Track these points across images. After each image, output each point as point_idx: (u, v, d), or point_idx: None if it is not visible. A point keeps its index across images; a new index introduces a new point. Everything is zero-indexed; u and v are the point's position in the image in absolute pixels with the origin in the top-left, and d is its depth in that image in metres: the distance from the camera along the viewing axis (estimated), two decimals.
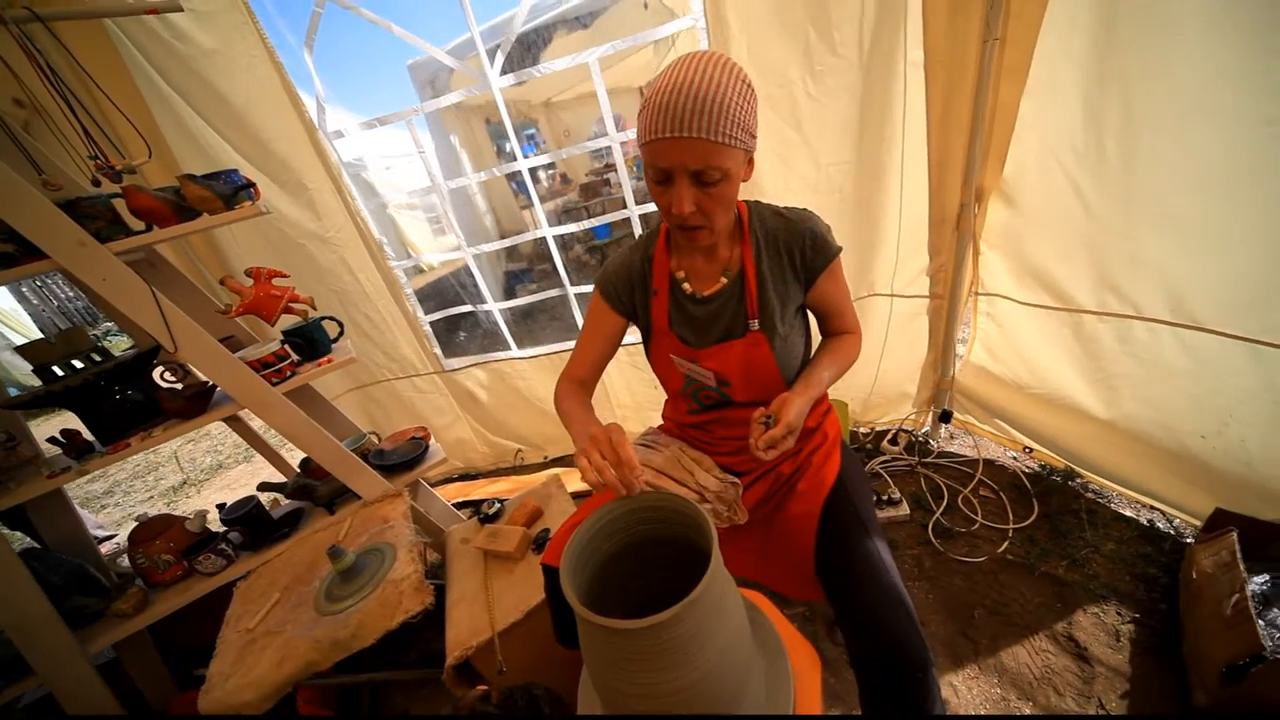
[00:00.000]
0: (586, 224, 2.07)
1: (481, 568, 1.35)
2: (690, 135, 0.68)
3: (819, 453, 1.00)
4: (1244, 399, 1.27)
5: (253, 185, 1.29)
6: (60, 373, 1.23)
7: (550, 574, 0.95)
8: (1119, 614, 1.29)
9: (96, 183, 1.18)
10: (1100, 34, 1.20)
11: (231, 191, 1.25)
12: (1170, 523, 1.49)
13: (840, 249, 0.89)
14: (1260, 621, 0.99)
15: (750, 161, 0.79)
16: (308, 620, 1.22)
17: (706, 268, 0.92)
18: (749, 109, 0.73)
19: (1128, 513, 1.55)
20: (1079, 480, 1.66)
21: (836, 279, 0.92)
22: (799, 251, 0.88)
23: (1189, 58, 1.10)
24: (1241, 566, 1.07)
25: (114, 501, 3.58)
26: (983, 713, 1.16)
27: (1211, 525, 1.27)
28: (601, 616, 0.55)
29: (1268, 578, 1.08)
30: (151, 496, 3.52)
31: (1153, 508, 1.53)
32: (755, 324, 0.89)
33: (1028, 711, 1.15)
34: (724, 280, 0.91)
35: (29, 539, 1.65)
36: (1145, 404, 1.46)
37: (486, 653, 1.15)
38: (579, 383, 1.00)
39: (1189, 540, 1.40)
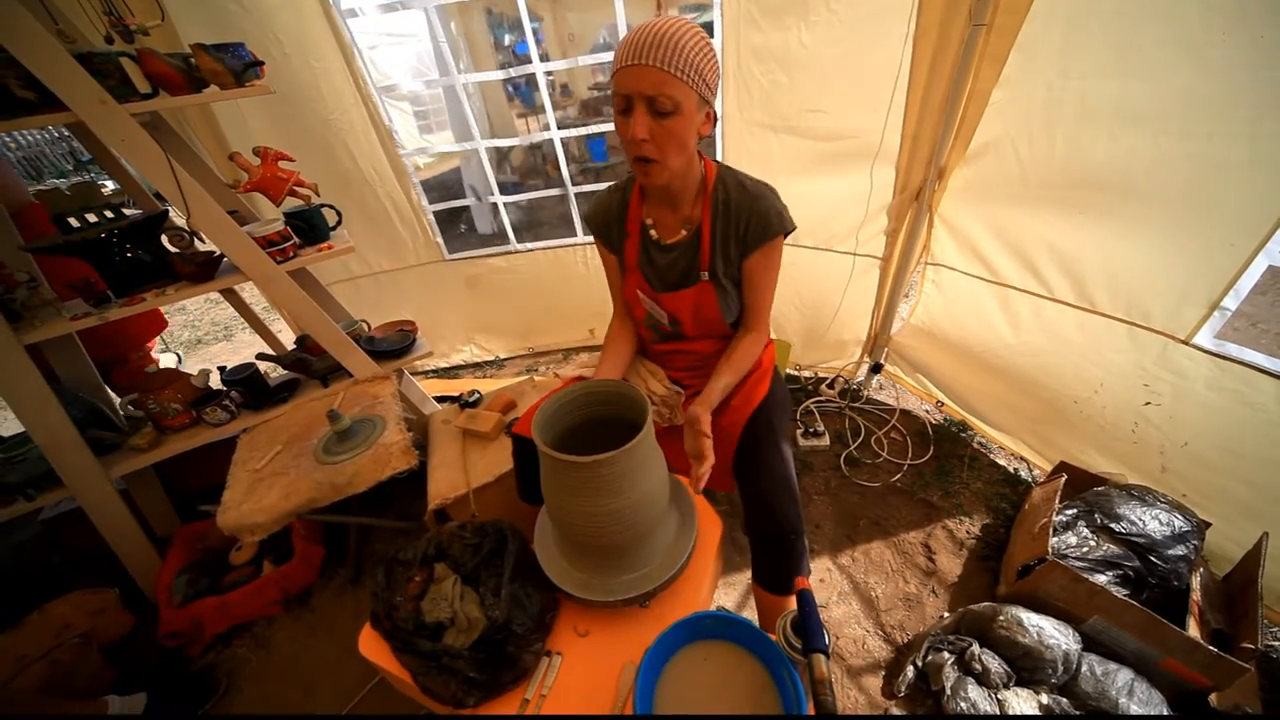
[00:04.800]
0: (594, 128, 2.17)
1: (460, 443, 1.58)
2: (645, 62, 0.79)
3: (752, 377, 1.20)
4: (1114, 372, 1.52)
5: (261, 64, 1.32)
6: (76, 224, 1.32)
7: (518, 441, 1.16)
8: (967, 532, 1.64)
9: (110, 40, 1.20)
10: (1071, 32, 1.31)
11: (242, 68, 1.29)
12: (1031, 472, 1.82)
13: (783, 231, 0.97)
14: (1054, 539, 1.32)
15: (709, 117, 0.90)
16: (309, 466, 1.44)
17: (671, 219, 1.05)
18: (704, 58, 0.82)
19: (1001, 461, 1.88)
20: (971, 432, 1.98)
21: (767, 260, 1.01)
22: (746, 221, 0.98)
23: (1142, 68, 1.23)
24: (1057, 501, 1.39)
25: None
26: (844, 588, 1.51)
27: (1053, 473, 1.59)
28: (560, 454, 0.77)
29: (1075, 511, 1.40)
30: None
31: (1021, 458, 1.86)
32: (705, 275, 1.04)
33: (881, 590, 1.50)
34: (684, 233, 1.04)
35: None
36: (1041, 371, 1.71)
37: (461, 505, 1.40)
38: (622, 317, 1.20)
39: None
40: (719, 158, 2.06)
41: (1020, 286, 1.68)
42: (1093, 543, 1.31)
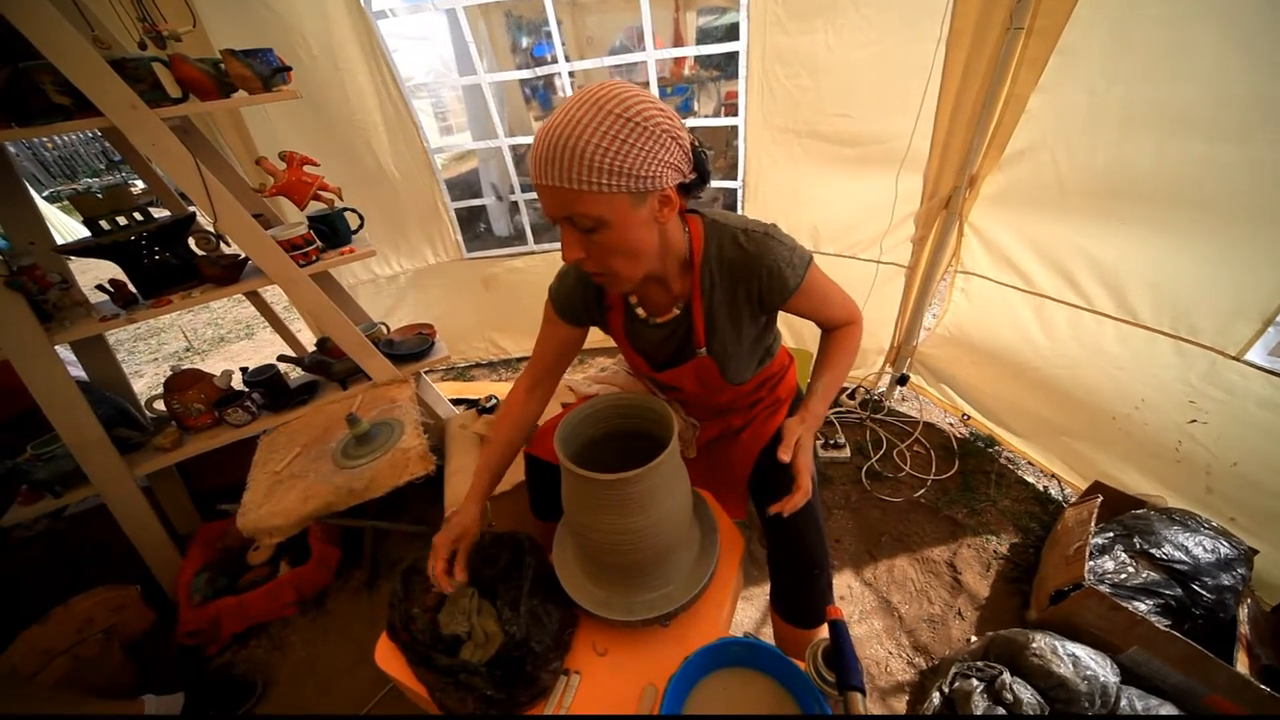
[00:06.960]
0: None
1: (477, 449, 1.57)
2: (545, 183, 0.65)
3: (765, 410, 1.15)
4: (1157, 388, 1.45)
5: (289, 69, 1.33)
6: (106, 227, 1.34)
7: (531, 460, 1.13)
8: (994, 552, 1.58)
9: (143, 46, 1.22)
10: (1117, 35, 1.26)
11: (270, 73, 1.30)
12: (1062, 491, 1.76)
13: (801, 279, 0.84)
14: (1090, 563, 1.26)
15: (667, 199, 0.72)
16: (327, 470, 1.44)
17: (662, 298, 0.91)
18: (624, 149, 0.63)
19: (1030, 479, 1.81)
20: (998, 447, 1.92)
21: (808, 295, 0.88)
22: (757, 287, 0.85)
23: (1195, 70, 1.16)
24: (1092, 523, 1.33)
25: (119, 359, 3.73)
26: (866, 606, 1.47)
27: (1088, 493, 1.53)
28: (584, 470, 0.75)
29: (1112, 534, 1.34)
30: (156, 359, 3.69)
31: (1052, 476, 1.79)
32: (703, 351, 0.93)
33: (904, 609, 1.46)
34: (676, 310, 0.92)
35: None
36: (1076, 384, 1.63)
37: None
38: (529, 390, 1.04)
39: None
40: (740, 164, 2.03)
41: (1056, 296, 1.62)
42: (1131, 568, 1.25)
